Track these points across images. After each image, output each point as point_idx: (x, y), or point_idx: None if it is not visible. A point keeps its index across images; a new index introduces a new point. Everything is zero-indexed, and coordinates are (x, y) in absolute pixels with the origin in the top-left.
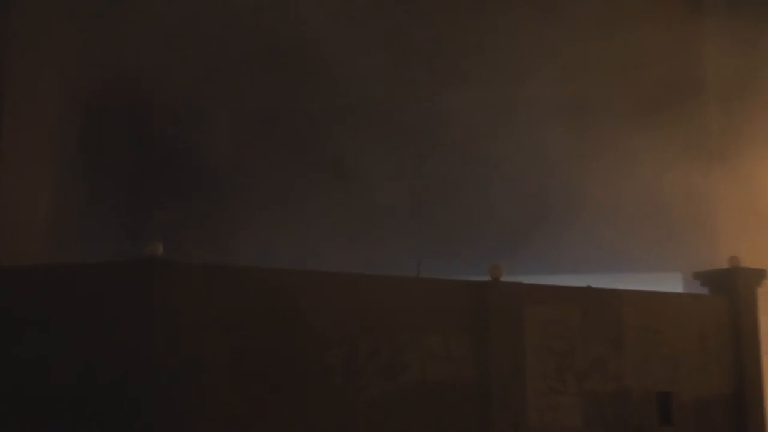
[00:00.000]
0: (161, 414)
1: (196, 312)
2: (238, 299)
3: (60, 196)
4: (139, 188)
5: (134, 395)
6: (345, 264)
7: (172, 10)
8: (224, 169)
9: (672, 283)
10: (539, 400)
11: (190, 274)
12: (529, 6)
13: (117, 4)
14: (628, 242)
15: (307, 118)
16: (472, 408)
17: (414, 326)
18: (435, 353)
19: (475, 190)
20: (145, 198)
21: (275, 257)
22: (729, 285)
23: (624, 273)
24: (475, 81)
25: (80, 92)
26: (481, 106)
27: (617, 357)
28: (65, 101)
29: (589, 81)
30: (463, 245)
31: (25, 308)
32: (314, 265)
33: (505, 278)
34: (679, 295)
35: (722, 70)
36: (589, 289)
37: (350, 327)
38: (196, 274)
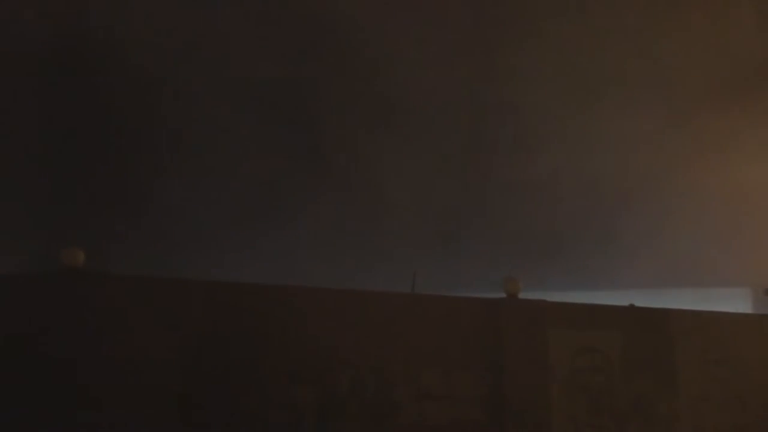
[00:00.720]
0: None
1: (127, 335)
2: (182, 320)
3: None
4: (61, 179)
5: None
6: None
7: None
8: (183, 155)
9: (739, 301)
10: None
11: (120, 288)
12: None
13: None
14: (683, 248)
15: (303, 93)
16: None
17: (407, 356)
18: (433, 391)
19: (491, 184)
20: (67, 192)
21: (243, 271)
22: None
23: (677, 288)
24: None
25: None
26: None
27: (668, 395)
28: None
29: (655, 52)
30: (474, 252)
31: None
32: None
33: (525, 294)
34: (748, 316)
35: None
36: (632, 308)
37: (325, 357)
38: (129, 288)
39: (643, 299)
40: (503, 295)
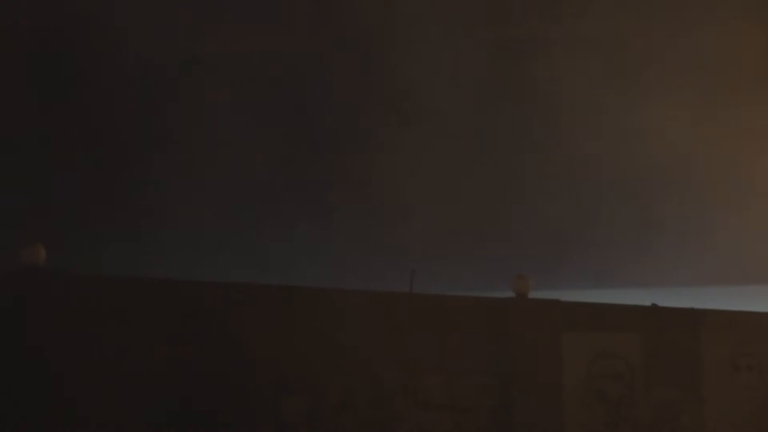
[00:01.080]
0: None
1: (95, 340)
2: (156, 325)
3: None
4: (26, 172)
5: None
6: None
7: None
8: (179, 153)
9: None
10: None
11: (87, 289)
12: None
13: None
14: (709, 242)
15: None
16: None
17: (405, 362)
18: (435, 401)
19: (504, 173)
20: (33, 185)
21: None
22: None
23: (704, 286)
24: None
25: None
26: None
27: (695, 404)
28: None
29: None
30: (481, 246)
31: None
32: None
33: (536, 293)
34: None
35: None
36: (654, 308)
37: (316, 364)
38: (98, 288)
39: (668, 298)
40: (512, 294)
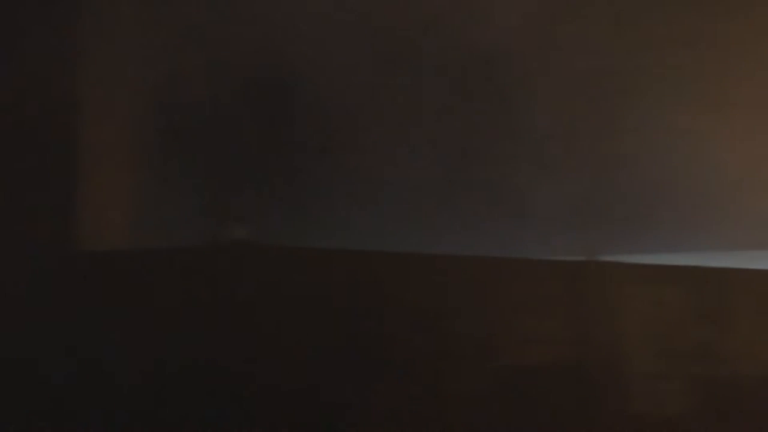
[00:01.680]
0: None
1: (279, 303)
2: (326, 286)
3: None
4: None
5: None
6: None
7: None
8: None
9: None
10: (642, 385)
11: (274, 258)
12: None
13: None
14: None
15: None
16: (571, 394)
17: (507, 309)
18: (530, 337)
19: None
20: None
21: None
22: None
23: (736, 251)
24: None
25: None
26: None
27: (728, 341)
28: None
29: None
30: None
31: (108, 295)
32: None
33: (602, 257)
34: None
35: None
36: (695, 268)
37: (439, 311)
38: (281, 257)
39: (705, 260)
40: (584, 258)
